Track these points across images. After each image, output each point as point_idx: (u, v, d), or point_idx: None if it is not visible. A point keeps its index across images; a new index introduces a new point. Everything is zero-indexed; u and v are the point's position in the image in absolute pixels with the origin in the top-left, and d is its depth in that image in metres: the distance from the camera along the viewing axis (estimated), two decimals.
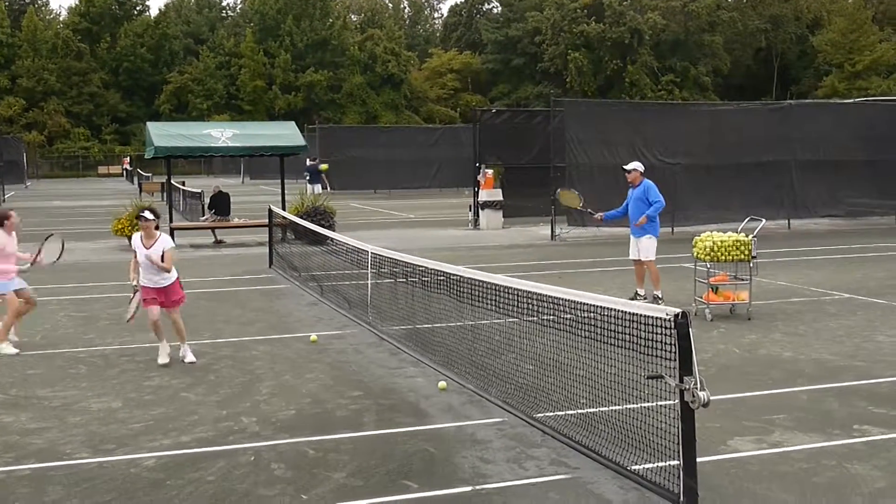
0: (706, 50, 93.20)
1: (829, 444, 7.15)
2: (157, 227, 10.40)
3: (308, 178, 38.09)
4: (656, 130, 24.31)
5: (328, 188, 38.45)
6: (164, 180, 27.89)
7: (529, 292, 8.04)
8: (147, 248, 10.17)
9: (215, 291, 15.53)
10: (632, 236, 13.80)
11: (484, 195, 26.65)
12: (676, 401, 5.81)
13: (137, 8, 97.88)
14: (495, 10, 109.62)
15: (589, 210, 14.31)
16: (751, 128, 25.44)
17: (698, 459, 5.86)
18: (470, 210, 27.51)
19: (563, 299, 7.43)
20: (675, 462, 5.90)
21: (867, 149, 26.25)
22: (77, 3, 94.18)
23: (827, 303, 13.64)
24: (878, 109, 30.07)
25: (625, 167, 13.90)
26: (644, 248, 13.52)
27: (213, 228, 23.73)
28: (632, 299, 11.52)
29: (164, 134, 22.68)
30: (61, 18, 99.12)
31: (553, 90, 70.32)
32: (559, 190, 14.58)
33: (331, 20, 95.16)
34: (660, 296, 13.22)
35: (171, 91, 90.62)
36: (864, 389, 8.76)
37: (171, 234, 22.09)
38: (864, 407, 8.18)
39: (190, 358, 10.30)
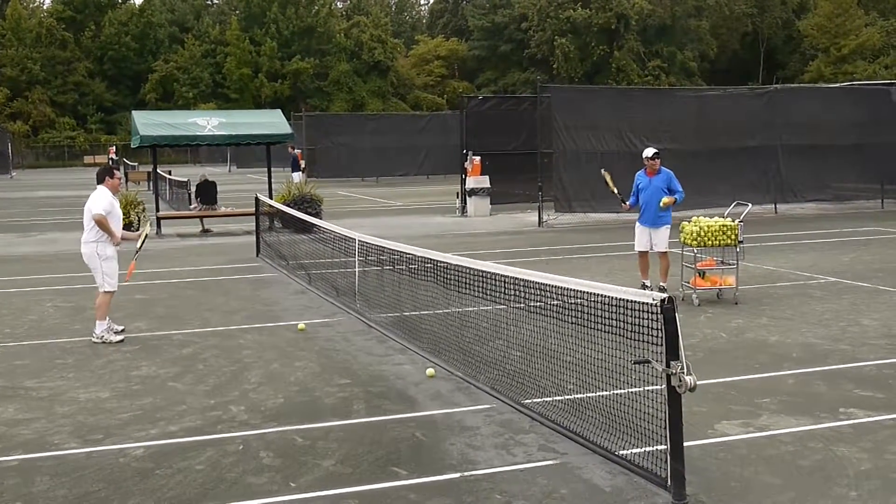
0: (692, 35, 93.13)
1: (816, 427, 7.19)
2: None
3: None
4: (643, 116, 24.34)
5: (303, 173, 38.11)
6: (151, 169, 27.74)
7: (516, 279, 8.04)
8: None
9: (202, 280, 15.49)
10: (641, 226, 13.19)
11: (471, 182, 26.63)
12: (663, 385, 5.83)
13: None
14: None
15: (621, 197, 13.47)
16: (737, 113, 25.50)
17: (686, 444, 5.88)
18: (457, 197, 27.51)
19: (550, 285, 7.44)
20: (663, 447, 5.92)
21: (853, 133, 26.32)
22: None
23: (813, 287, 13.69)
24: (863, 93, 30.14)
25: (646, 154, 13.16)
26: (663, 239, 12.99)
27: (200, 217, 23.66)
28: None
29: (149, 123, 22.61)
30: (45, 7, 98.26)
31: (540, 76, 70.08)
32: (603, 170, 13.87)
33: (316, 7, 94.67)
34: (664, 286, 12.85)
35: (156, 80, 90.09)
36: (850, 372, 8.81)
37: (158, 224, 22.11)
38: (849, 390, 8.22)
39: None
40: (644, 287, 12.66)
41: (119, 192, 11.96)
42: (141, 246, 11.60)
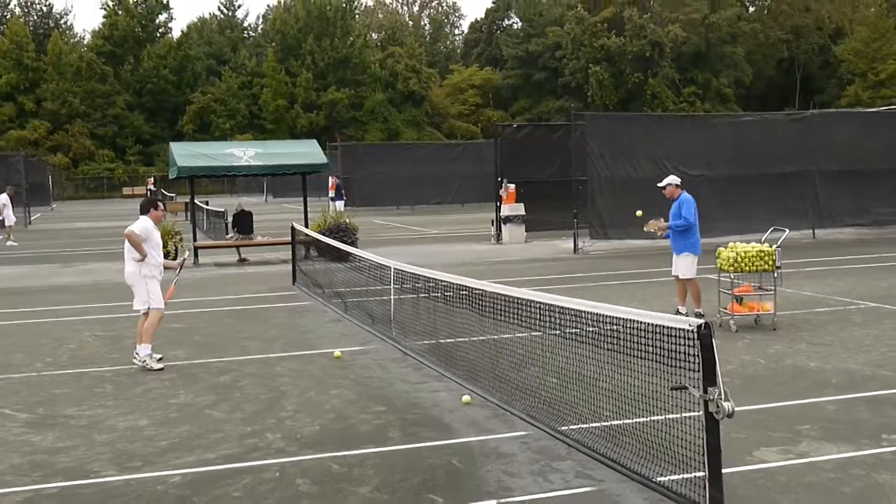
0: (728, 61, 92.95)
1: (857, 454, 7.09)
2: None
3: (332, 195, 38.26)
4: (678, 142, 24.25)
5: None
6: (188, 200, 28.04)
7: (552, 305, 8.03)
8: None
9: (240, 309, 15.59)
10: (673, 253, 13.36)
11: (506, 209, 26.65)
12: (701, 412, 5.78)
13: (160, 30, 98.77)
14: (515, 26, 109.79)
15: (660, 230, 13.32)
16: (773, 138, 25.33)
17: (724, 470, 5.83)
18: (492, 225, 27.52)
19: (585, 312, 7.42)
20: (701, 473, 5.87)
21: (892, 157, 26.04)
22: (101, 26, 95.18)
23: (853, 312, 13.53)
24: None
25: (660, 185, 13.37)
26: (682, 266, 13.00)
27: (236, 247, 23.85)
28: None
29: (187, 154, 22.85)
30: (85, 42, 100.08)
31: (574, 104, 70.27)
32: (642, 217, 13.82)
33: (351, 38, 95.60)
34: (701, 312, 12.64)
35: (194, 111, 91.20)
36: (892, 398, 8.68)
37: (196, 253, 22.30)
38: (892, 416, 8.10)
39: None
40: (677, 313, 12.67)
41: (161, 223, 12.13)
42: (179, 272, 11.73)
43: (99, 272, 21.50)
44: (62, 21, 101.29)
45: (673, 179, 13.34)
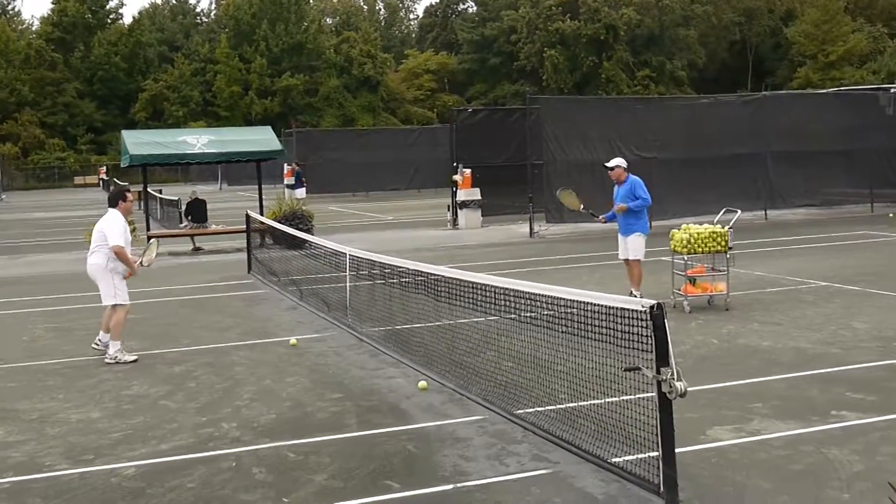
0: (681, 44, 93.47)
1: (808, 431, 7.19)
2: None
3: (290, 182, 38.01)
4: (632, 125, 24.40)
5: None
6: (141, 189, 27.71)
7: (508, 289, 8.05)
8: None
9: (194, 298, 15.47)
10: (620, 235, 13.26)
11: (462, 194, 26.65)
12: (655, 392, 5.84)
13: (111, 16, 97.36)
14: (470, 10, 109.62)
15: (591, 212, 13.55)
16: (725, 120, 25.60)
17: (678, 450, 5.89)
18: (448, 210, 27.52)
19: (541, 295, 7.45)
20: (655, 453, 5.92)
21: (842, 138, 26.40)
22: (50, 12, 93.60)
23: (804, 291, 13.72)
24: (851, 99, 30.29)
25: (607, 165, 13.38)
26: (633, 247, 12.96)
27: (191, 236, 23.64)
28: None
29: (139, 142, 22.57)
30: (34, 28, 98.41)
31: (529, 88, 70.27)
32: (559, 191, 14.05)
33: (306, 24, 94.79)
34: (636, 294, 12.77)
35: (146, 99, 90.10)
36: (841, 375, 8.82)
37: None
38: (841, 393, 8.23)
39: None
40: (632, 294, 12.63)
41: (131, 214, 11.86)
42: (146, 263, 11.52)
43: (51, 263, 21.22)
44: (9, 7, 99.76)
45: (620, 162, 13.35)
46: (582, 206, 13.57)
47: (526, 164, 23.80)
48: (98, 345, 11.02)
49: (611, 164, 13.33)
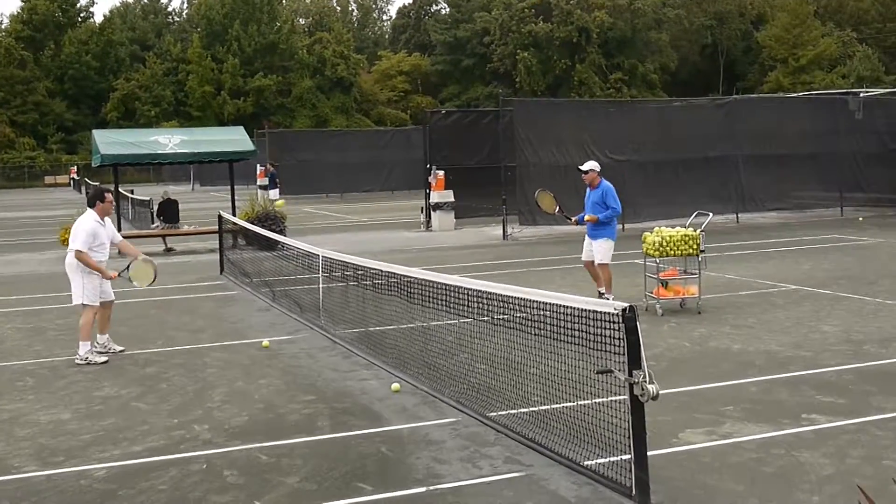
0: (653, 47, 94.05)
1: (779, 434, 7.24)
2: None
3: (263, 183, 37.88)
4: (605, 128, 24.51)
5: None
6: (112, 189, 27.51)
7: (481, 292, 8.05)
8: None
9: (166, 299, 15.38)
10: (587, 237, 13.26)
11: (435, 196, 26.65)
12: (627, 395, 5.86)
13: (81, 15, 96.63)
14: (443, 12, 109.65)
15: (565, 214, 13.53)
16: (697, 124, 25.78)
17: (650, 453, 5.90)
18: (422, 212, 27.51)
19: (514, 297, 7.46)
20: (627, 456, 5.94)
21: (812, 142, 26.70)
22: (19, 10, 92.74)
23: (775, 295, 13.82)
24: (821, 103, 30.58)
25: (581, 168, 13.33)
26: (600, 251, 12.93)
27: (162, 236, 23.50)
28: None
29: (110, 142, 22.44)
30: (3, 26, 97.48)
31: (502, 90, 70.38)
32: (538, 192, 14.02)
33: (278, 24, 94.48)
34: (604, 294, 12.67)
35: (118, 98, 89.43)
36: (812, 379, 8.89)
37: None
38: (811, 396, 8.30)
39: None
40: (601, 295, 12.58)
41: (111, 215, 11.74)
42: (126, 278, 11.39)
43: (21, 263, 21.02)
44: None
45: (595, 165, 13.29)
46: (557, 209, 13.57)
47: (499, 167, 23.83)
48: (97, 346, 10.93)
49: (585, 167, 13.30)
